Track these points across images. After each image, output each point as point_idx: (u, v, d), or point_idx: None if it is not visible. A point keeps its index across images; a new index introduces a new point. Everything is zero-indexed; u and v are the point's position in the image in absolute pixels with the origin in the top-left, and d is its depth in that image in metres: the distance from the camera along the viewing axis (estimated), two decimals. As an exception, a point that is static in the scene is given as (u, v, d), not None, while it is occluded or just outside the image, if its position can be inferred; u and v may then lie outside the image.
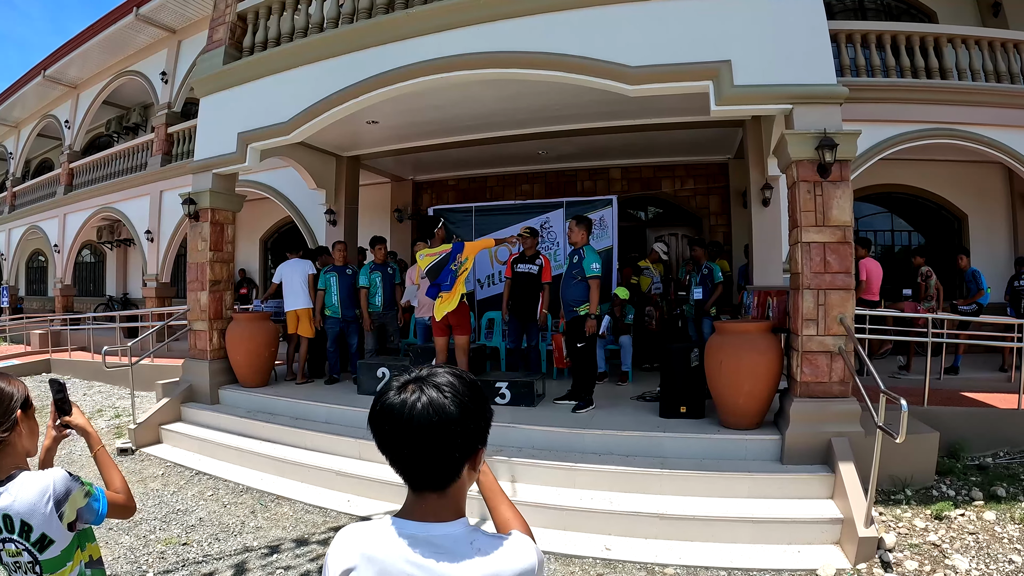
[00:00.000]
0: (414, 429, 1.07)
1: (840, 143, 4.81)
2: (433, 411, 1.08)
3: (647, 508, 4.49)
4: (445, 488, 1.13)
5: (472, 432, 1.12)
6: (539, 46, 5.69)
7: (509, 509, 1.42)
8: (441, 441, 1.08)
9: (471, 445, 1.13)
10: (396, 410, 1.09)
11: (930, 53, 8.22)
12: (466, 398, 1.12)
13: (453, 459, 1.11)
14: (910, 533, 4.34)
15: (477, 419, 1.13)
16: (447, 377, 1.14)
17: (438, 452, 1.09)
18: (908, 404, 3.69)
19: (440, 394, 1.10)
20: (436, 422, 1.07)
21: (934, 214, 10.78)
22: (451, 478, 1.13)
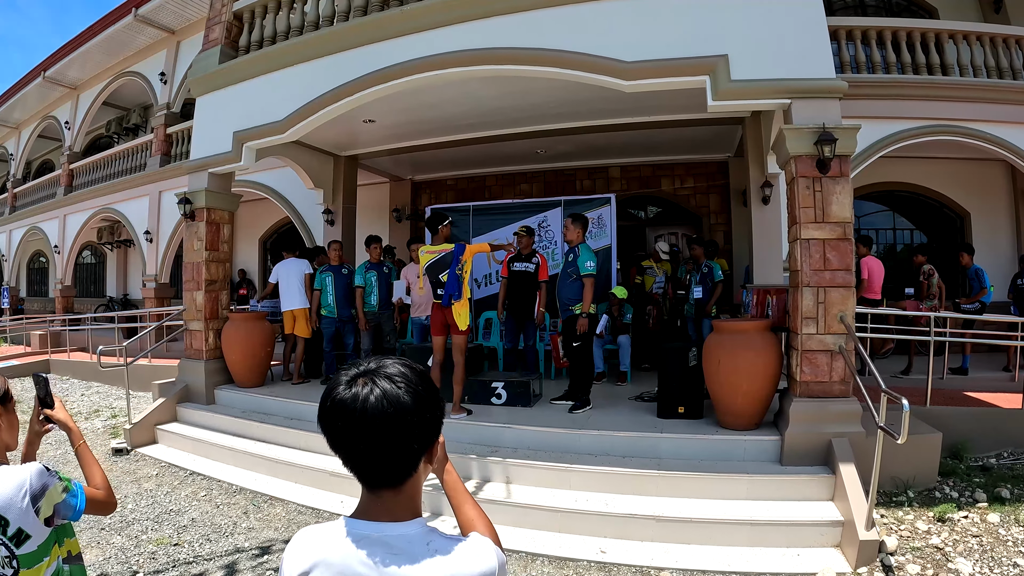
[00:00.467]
0: (369, 422, 1.02)
1: (839, 138, 4.72)
2: (388, 402, 1.03)
3: (643, 510, 4.41)
4: (401, 484, 1.09)
5: (428, 422, 1.09)
6: (533, 42, 5.62)
7: (473, 508, 1.37)
8: (398, 433, 1.04)
9: (429, 436, 1.10)
10: (348, 405, 1.04)
11: (931, 49, 8.13)
12: (419, 387, 1.08)
13: (411, 451, 1.07)
14: (912, 536, 4.26)
15: (432, 408, 1.09)
16: (398, 368, 1.10)
17: (395, 445, 1.04)
18: (910, 404, 3.62)
19: (393, 385, 1.05)
20: (392, 413, 1.03)
21: (936, 212, 10.69)
22: (408, 473, 1.09)
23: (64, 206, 16.80)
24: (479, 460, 5.23)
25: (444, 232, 6.09)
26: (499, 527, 4.07)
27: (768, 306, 5.91)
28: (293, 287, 7.96)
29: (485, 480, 5.13)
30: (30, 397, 7.89)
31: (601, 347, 7.66)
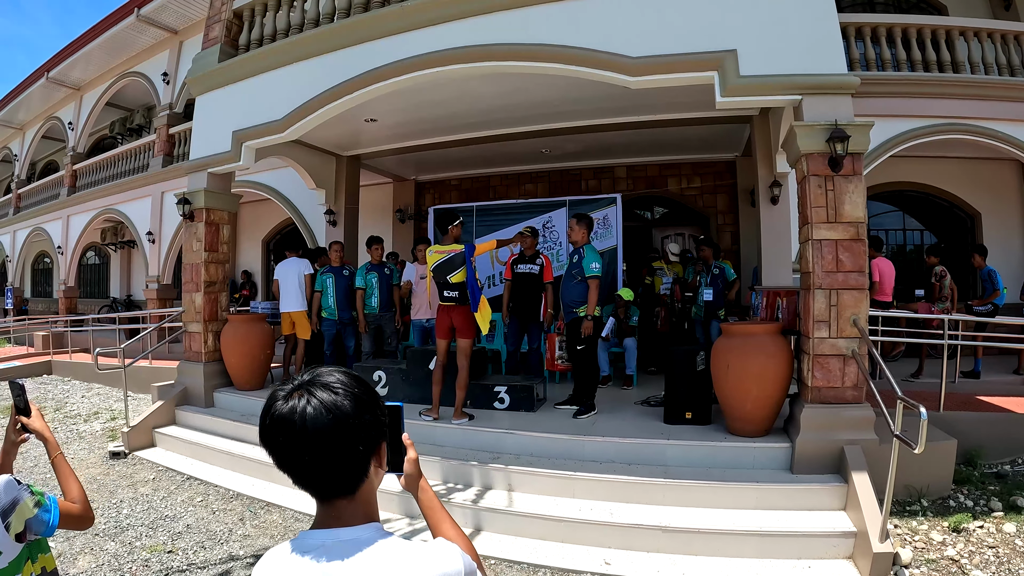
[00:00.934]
0: (311, 434, 1.01)
1: (852, 135, 4.57)
2: (326, 410, 1.02)
3: (649, 520, 4.26)
4: (355, 491, 1.08)
5: (371, 424, 1.07)
6: (536, 38, 5.49)
7: (452, 528, 1.32)
8: (341, 439, 1.03)
9: (373, 438, 1.08)
10: (287, 419, 1.02)
11: (941, 46, 7.98)
12: (356, 390, 1.07)
13: (357, 455, 1.05)
14: (927, 547, 4.11)
15: (372, 410, 1.08)
16: (334, 375, 1.09)
17: (340, 451, 1.03)
18: (926, 410, 3.47)
19: (329, 392, 1.04)
20: (331, 420, 1.02)
21: (946, 212, 10.50)
22: (359, 478, 1.08)
23: (67, 207, 16.77)
24: (480, 467, 5.10)
25: (454, 232, 5.94)
26: (500, 536, 3.94)
27: (778, 308, 5.75)
28: (291, 288, 7.86)
29: (487, 488, 5.00)
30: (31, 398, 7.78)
31: (607, 350, 7.52)
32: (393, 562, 1.02)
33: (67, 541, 4.68)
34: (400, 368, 6.88)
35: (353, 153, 10.16)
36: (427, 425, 5.85)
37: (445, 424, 5.78)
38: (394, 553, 1.04)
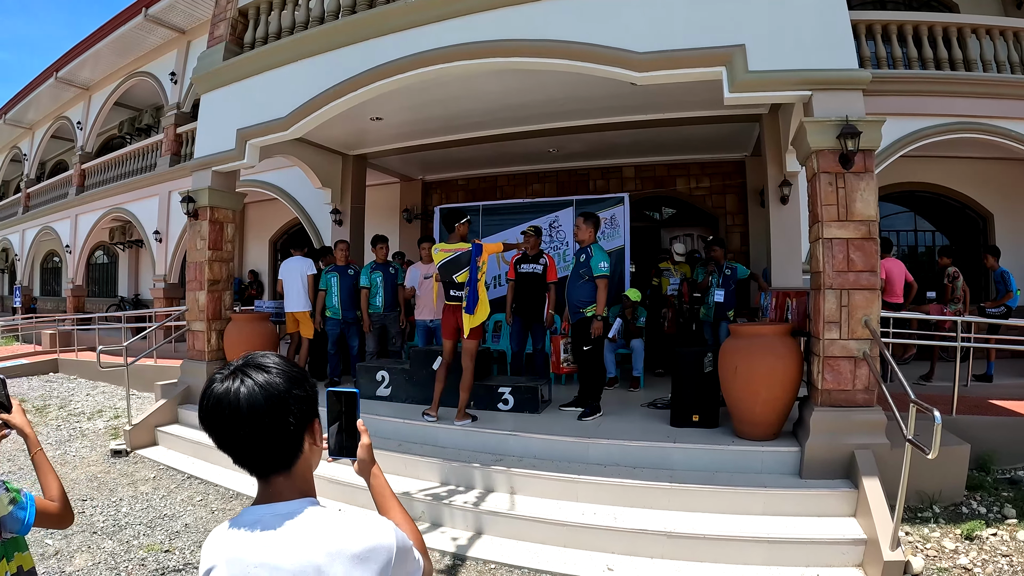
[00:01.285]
0: (245, 412, 1.07)
1: (864, 131, 4.46)
2: (259, 388, 1.09)
3: (653, 525, 4.16)
4: (290, 467, 1.14)
5: (301, 400, 1.13)
6: (542, 33, 5.41)
7: (399, 513, 1.36)
8: (274, 416, 1.09)
9: (304, 414, 1.14)
10: (224, 399, 1.09)
11: (953, 44, 7.85)
12: (288, 370, 1.15)
13: (290, 431, 1.11)
14: (939, 556, 3.98)
15: (301, 385, 1.15)
16: (269, 358, 1.16)
17: (274, 428, 1.09)
18: (940, 414, 3.36)
19: (263, 373, 1.11)
20: (264, 398, 1.08)
21: (958, 213, 10.34)
22: (294, 454, 1.14)
23: (76, 206, 16.83)
24: (482, 469, 5.01)
25: (461, 230, 5.88)
26: (501, 540, 3.85)
27: (788, 309, 5.63)
28: (294, 288, 7.80)
29: (488, 490, 4.91)
30: (36, 396, 7.77)
31: (613, 351, 7.42)
32: (324, 530, 1.07)
33: (65, 539, 4.65)
34: (403, 368, 6.81)
35: (359, 152, 10.11)
36: (429, 426, 5.78)
37: (447, 425, 5.70)
38: (326, 523, 1.09)
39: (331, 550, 1.04)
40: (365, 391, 6.93)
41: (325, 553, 1.04)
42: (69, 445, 7.28)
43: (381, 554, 1.08)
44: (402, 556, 1.13)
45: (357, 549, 1.05)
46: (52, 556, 4.40)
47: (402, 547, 1.13)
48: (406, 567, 1.15)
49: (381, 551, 1.08)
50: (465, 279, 5.65)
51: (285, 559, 1.04)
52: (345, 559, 1.04)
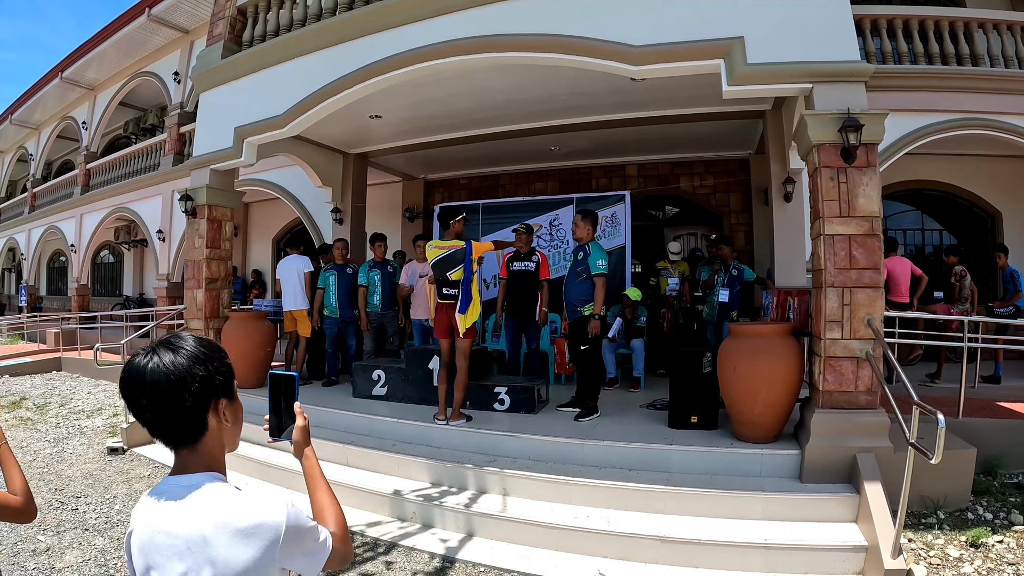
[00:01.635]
0: (148, 386, 1.16)
1: (866, 124, 4.32)
2: (163, 365, 1.17)
3: (648, 529, 4.04)
4: (195, 442, 1.22)
5: (204, 379, 1.19)
6: (537, 27, 5.31)
7: (325, 496, 1.42)
8: (172, 392, 1.16)
9: (204, 393, 1.20)
10: (136, 372, 1.17)
11: (959, 39, 7.71)
12: (196, 349, 1.21)
13: (189, 408, 1.18)
14: (943, 564, 3.85)
15: (207, 367, 1.21)
16: (185, 339, 1.23)
17: (173, 404, 1.16)
18: (944, 417, 3.23)
19: (172, 352, 1.19)
20: (165, 375, 1.16)
21: (966, 212, 10.17)
22: (197, 430, 1.21)
23: (81, 206, 16.88)
24: (475, 470, 4.92)
25: (456, 227, 5.78)
26: (492, 543, 3.74)
27: (789, 308, 5.51)
28: (291, 286, 7.75)
29: (481, 492, 4.81)
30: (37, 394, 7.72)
31: (613, 351, 7.31)
32: (216, 504, 1.13)
33: (56, 536, 4.63)
34: (399, 367, 6.72)
35: (360, 151, 10.04)
36: (423, 426, 5.69)
37: (441, 425, 5.60)
38: (222, 497, 1.15)
39: (217, 522, 1.11)
40: (362, 391, 6.86)
41: (211, 525, 1.11)
42: (67, 442, 7.26)
43: (267, 531, 1.12)
44: (294, 535, 1.16)
45: (242, 524, 1.11)
46: (43, 552, 4.37)
47: (294, 526, 1.16)
48: (301, 546, 1.19)
49: (267, 528, 1.12)
50: (459, 277, 5.56)
51: (180, 527, 1.12)
52: (229, 532, 1.10)
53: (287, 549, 1.15)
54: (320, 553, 1.24)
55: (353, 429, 6.06)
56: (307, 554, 1.21)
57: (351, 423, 6.14)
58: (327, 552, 1.26)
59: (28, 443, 7.21)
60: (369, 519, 4.78)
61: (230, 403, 1.26)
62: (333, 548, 1.28)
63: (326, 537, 1.26)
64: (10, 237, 21.79)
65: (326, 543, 1.26)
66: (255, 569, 1.11)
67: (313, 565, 1.24)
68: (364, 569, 4.03)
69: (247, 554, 1.10)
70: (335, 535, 1.31)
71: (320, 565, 1.25)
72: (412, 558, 4.18)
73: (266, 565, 1.12)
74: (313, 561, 1.23)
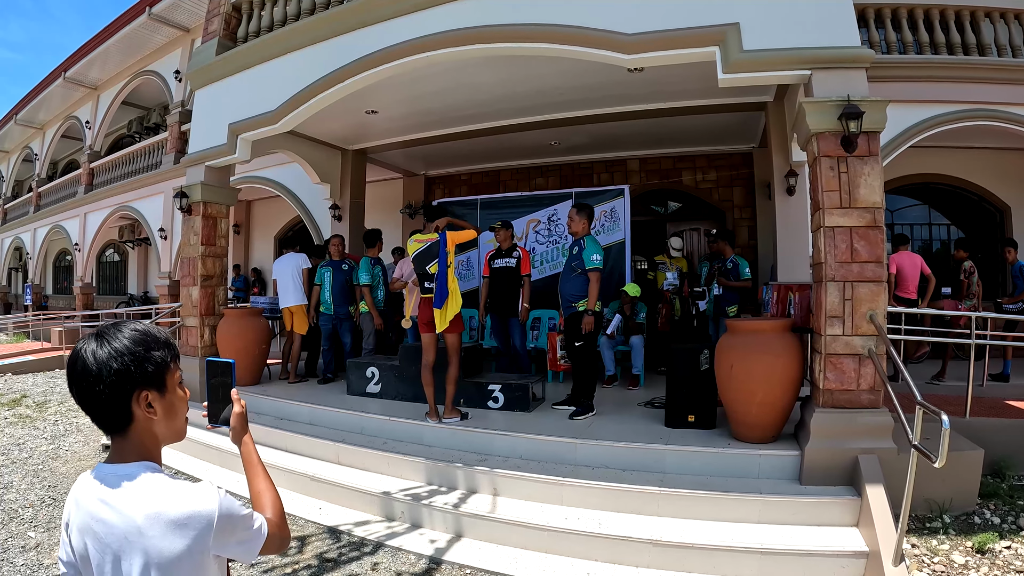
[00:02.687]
0: (78, 374, 1.19)
1: (866, 111, 4.15)
2: (86, 355, 1.19)
3: (640, 532, 3.90)
4: (124, 430, 1.22)
5: (120, 372, 1.18)
6: (527, 17, 5.16)
7: (263, 482, 1.44)
8: (91, 382, 1.18)
9: (122, 385, 1.19)
10: (71, 357, 1.21)
11: (965, 28, 7.52)
12: (124, 343, 1.21)
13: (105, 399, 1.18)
14: (947, 571, 3.69)
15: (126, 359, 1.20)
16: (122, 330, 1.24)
17: (92, 393, 1.18)
18: (948, 416, 3.07)
19: (99, 344, 1.20)
20: (86, 363, 1.18)
21: (974, 206, 9.95)
22: (123, 420, 1.21)
23: (84, 205, 16.91)
24: (465, 469, 4.79)
25: (439, 224, 5.67)
26: (480, 544, 3.61)
27: (790, 304, 5.35)
28: (288, 283, 7.66)
29: (471, 491, 4.69)
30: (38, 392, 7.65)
31: (612, 348, 7.17)
32: (149, 495, 1.14)
33: (47, 532, 4.60)
34: (393, 365, 6.62)
35: (358, 147, 9.95)
36: (415, 424, 5.58)
37: (433, 424, 5.49)
38: (153, 488, 1.16)
39: (150, 513, 1.12)
40: (356, 388, 6.76)
41: (144, 516, 1.12)
42: (63, 440, 7.23)
43: (199, 521, 1.14)
44: (227, 524, 1.17)
45: (174, 515, 1.12)
46: (32, 548, 4.33)
47: (226, 515, 1.17)
48: (234, 535, 1.21)
49: (199, 518, 1.14)
50: (436, 270, 5.43)
51: (115, 518, 1.14)
52: (162, 523, 1.12)
53: (220, 537, 1.17)
54: (255, 540, 1.26)
55: (345, 427, 5.96)
56: (241, 542, 1.23)
57: (343, 421, 6.04)
58: (262, 538, 1.27)
59: (25, 440, 7.17)
60: (357, 518, 4.68)
61: (160, 396, 1.24)
62: (269, 534, 1.29)
63: (261, 524, 1.28)
64: (16, 237, 21.87)
65: (261, 529, 1.27)
66: (189, 557, 1.13)
67: (248, 552, 1.26)
68: (350, 569, 3.93)
69: (180, 544, 1.12)
70: (271, 521, 1.32)
71: (255, 551, 1.27)
72: (398, 559, 4.07)
73: (200, 553, 1.14)
74: (247, 548, 1.25)
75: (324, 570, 3.94)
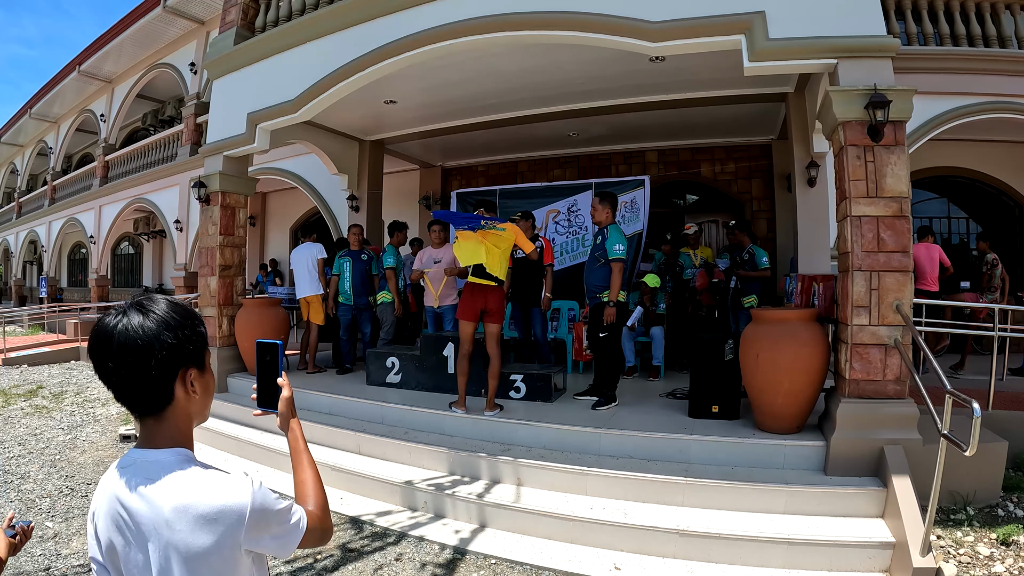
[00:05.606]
0: (115, 348, 1.09)
1: (893, 100, 4.11)
2: (131, 329, 1.10)
3: (665, 522, 3.91)
4: (160, 412, 1.15)
5: (172, 347, 1.13)
6: (551, 5, 5.14)
7: (307, 471, 1.37)
8: (139, 356, 1.09)
9: (172, 362, 1.13)
10: (104, 332, 1.11)
11: (986, 20, 7.44)
12: (168, 316, 1.14)
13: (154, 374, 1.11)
14: (973, 563, 3.67)
15: (177, 333, 1.14)
16: (160, 303, 1.16)
17: (139, 369, 1.10)
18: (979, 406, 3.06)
19: (142, 315, 1.12)
20: (134, 338, 1.09)
21: (993, 200, 9.85)
22: (163, 399, 1.15)
23: (99, 197, 17.03)
24: (489, 459, 4.80)
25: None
26: (505, 534, 3.60)
27: (814, 294, 5.31)
28: (304, 273, 7.69)
29: (494, 482, 4.71)
30: (54, 383, 7.76)
31: (632, 340, 7.15)
32: (180, 486, 1.09)
33: (65, 522, 4.64)
34: (414, 355, 6.63)
35: (376, 138, 9.97)
36: (435, 413, 5.59)
37: (454, 413, 5.50)
38: (184, 478, 1.10)
39: (178, 505, 1.06)
40: (376, 378, 6.78)
41: (172, 508, 1.06)
42: (80, 430, 7.29)
43: (229, 515, 1.08)
44: (260, 518, 1.12)
45: (203, 508, 1.07)
46: (50, 539, 4.37)
47: (260, 509, 1.11)
48: (268, 529, 1.15)
49: (229, 513, 1.08)
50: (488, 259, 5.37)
51: (143, 508, 1.08)
52: (191, 517, 1.06)
53: (253, 532, 1.11)
54: (292, 534, 1.20)
55: (366, 417, 5.99)
56: (276, 537, 1.17)
57: (364, 411, 6.06)
58: (300, 533, 1.21)
59: (42, 431, 7.24)
60: (380, 508, 4.71)
61: (200, 374, 1.20)
62: (309, 527, 1.23)
63: (300, 518, 1.22)
64: (31, 230, 22.06)
65: (299, 524, 1.21)
66: (217, 552, 1.08)
67: (284, 547, 1.20)
68: (373, 559, 3.95)
69: (208, 539, 1.07)
70: (312, 514, 1.27)
71: (293, 546, 1.21)
72: (422, 549, 4.09)
73: (230, 548, 1.09)
74: (283, 543, 1.19)
75: (347, 560, 3.96)
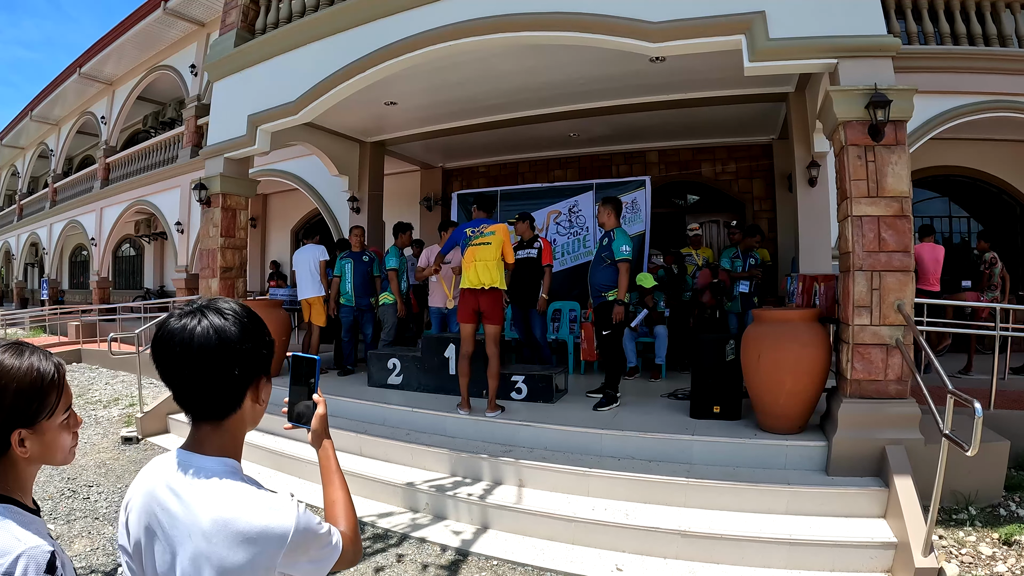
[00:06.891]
0: (195, 350, 1.07)
1: (894, 100, 4.12)
2: (213, 331, 1.08)
3: (667, 523, 3.90)
4: (223, 419, 1.13)
5: (252, 353, 1.12)
6: (552, 6, 5.16)
7: (339, 491, 1.34)
8: (221, 361, 1.08)
9: (252, 368, 1.12)
10: (177, 335, 1.08)
11: (987, 19, 7.43)
12: (246, 319, 1.13)
13: (233, 380, 1.10)
14: (975, 563, 3.66)
15: (256, 339, 1.13)
16: (228, 304, 1.14)
17: (218, 373, 1.08)
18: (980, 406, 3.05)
19: (220, 317, 1.10)
20: (216, 341, 1.07)
21: (994, 199, 9.83)
22: (231, 406, 1.12)
23: (100, 199, 17.02)
24: (490, 460, 4.80)
25: None
26: (507, 536, 3.59)
27: (815, 294, 5.31)
28: (306, 275, 7.71)
29: (496, 483, 4.71)
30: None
31: (634, 340, 7.14)
32: (223, 500, 1.06)
33: (67, 524, 4.63)
34: (415, 356, 6.63)
35: (377, 139, 9.98)
36: (437, 415, 5.60)
37: (455, 414, 5.50)
38: (232, 493, 1.07)
39: (219, 519, 1.03)
40: (377, 379, 6.78)
41: (212, 520, 1.04)
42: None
43: (270, 538, 1.04)
44: (301, 542, 1.08)
45: (244, 527, 1.03)
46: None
47: (303, 531, 1.08)
48: (307, 553, 1.11)
49: (271, 535, 1.04)
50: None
51: (181, 512, 1.06)
52: (230, 533, 1.03)
53: (291, 556, 1.07)
54: (328, 558, 1.16)
55: (367, 418, 5.99)
56: (312, 561, 1.13)
57: (365, 412, 6.07)
58: (336, 555, 1.18)
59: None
60: (381, 510, 4.70)
61: (267, 383, 1.19)
62: (344, 549, 1.20)
63: (337, 541, 1.18)
64: (33, 232, 22.06)
65: (336, 547, 1.18)
66: (251, 571, 1.04)
67: (318, 570, 1.15)
68: (375, 561, 3.94)
69: (243, 558, 1.03)
70: (345, 536, 1.23)
71: (327, 569, 1.17)
72: (423, 550, 4.09)
73: (264, 569, 1.05)
74: (319, 567, 1.15)
75: (347, 568, 3.95)
